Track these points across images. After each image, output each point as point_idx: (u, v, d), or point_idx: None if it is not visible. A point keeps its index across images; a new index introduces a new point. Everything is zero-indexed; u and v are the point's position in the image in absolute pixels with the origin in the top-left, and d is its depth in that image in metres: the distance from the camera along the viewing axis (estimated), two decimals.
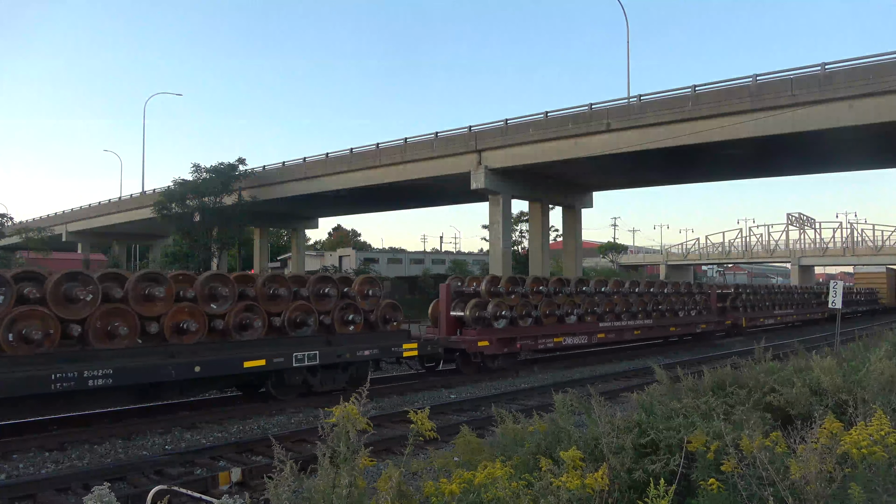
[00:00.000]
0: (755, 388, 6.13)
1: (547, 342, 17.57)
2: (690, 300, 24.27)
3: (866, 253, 73.89)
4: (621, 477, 3.82)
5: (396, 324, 14.37)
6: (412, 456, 3.70)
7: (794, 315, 34.66)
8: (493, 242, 36.95)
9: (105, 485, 3.66)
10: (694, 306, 24.36)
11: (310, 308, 12.59)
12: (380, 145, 38.47)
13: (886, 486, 3.36)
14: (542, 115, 32.61)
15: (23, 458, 8.61)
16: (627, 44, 69.72)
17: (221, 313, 11.33)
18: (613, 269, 78.13)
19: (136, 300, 10.32)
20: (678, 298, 23.61)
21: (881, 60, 23.83)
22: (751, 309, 29.16)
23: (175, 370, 10.22)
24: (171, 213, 43.63)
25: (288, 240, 68.49)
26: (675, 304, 23.21)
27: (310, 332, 12.52)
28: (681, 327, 23.64)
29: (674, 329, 23.33)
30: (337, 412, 3.50)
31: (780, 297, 33.43)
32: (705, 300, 25.44)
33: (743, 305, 28.41)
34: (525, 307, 17.01)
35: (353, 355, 12.87)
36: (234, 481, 7.29)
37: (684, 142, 27.79)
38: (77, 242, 62.70)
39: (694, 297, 24.65)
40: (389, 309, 14.34)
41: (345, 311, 13.27)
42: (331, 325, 12.97)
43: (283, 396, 12.18)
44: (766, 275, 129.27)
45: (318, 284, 13.07)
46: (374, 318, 13.89)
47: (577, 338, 18.61)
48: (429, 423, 3.68)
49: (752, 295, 30.09)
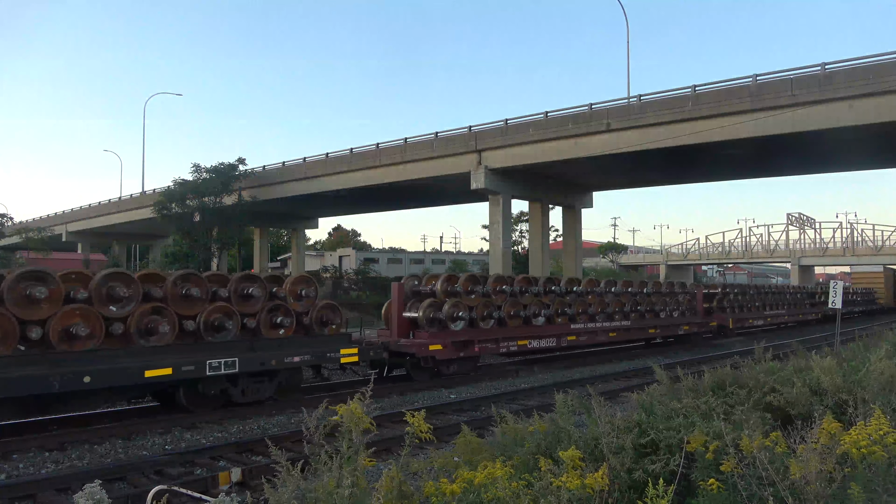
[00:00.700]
0: (755, 388, 6.13)
1: (510, 345, 16.49)
2: (672, 300, 23.29)
3: (866, 253, 73.87)
4: (621, 477, 3.82)
5: (336, 327, 13.29)
6: (411, 456, 3.70)
7: (785, 316, 33.55)
8: (493, 242, 36.95)
9: (96, 482, 3.64)
10: (676, 307, 23.39)
11: (230, 310, 11.46)
12: (380, 145, 38.46)
13: (886, 486, 3.36)
14: (542, 115, 32.60)
15: (23, 458, 8.61)
16: (627, 44, 69.79)
17: (122, 316, 10.31)
18: (613, 269, 78.12)
19: (13, 302, 9.30)
20: (659, 299, 22.68)
21: (881, 60, 23.82)
22: (739, 310, 28.16)
23: (59, 381, 9.11)
24: (171, 213, 43.63)
25: (288, 240, 68.48)
26: (655, 304, 22.25)
27: (231, 337, 11.38)
28: (661, 329, 22.59)
29: (654, 331, 22.26)
30: (341, 411, 3.50)
31: (770, 298, 32.20)
32: (689, 300, 24.50)
33: (730, 306, 27.42)
34: (486, 307, 16.07)
35: (281, 362, 11.73)
36: (234, 481, 7.30)
37: (684, 142, 27.78)
38: (77, 242, 62.69)
39: (676, 297, 23.71)
40: (328, 311, 13.27)
41: (273, 314, 12.19)
42: (256, 329, 11.93)
43: (198, 408, 11.17)
44: (766, 275, 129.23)
45: (242, 284, 12.02)
46: (308, 320, 12.88)
47: (544, 340, 17.46)
48: (425, 425, 3.68)
49: (741, 295, 29.04)
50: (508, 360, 18.64)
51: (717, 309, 26.52)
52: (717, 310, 26.50)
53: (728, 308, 27.10)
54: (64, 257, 49.02)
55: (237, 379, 11.39)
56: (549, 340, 17.68)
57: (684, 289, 25.06)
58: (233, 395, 11.42)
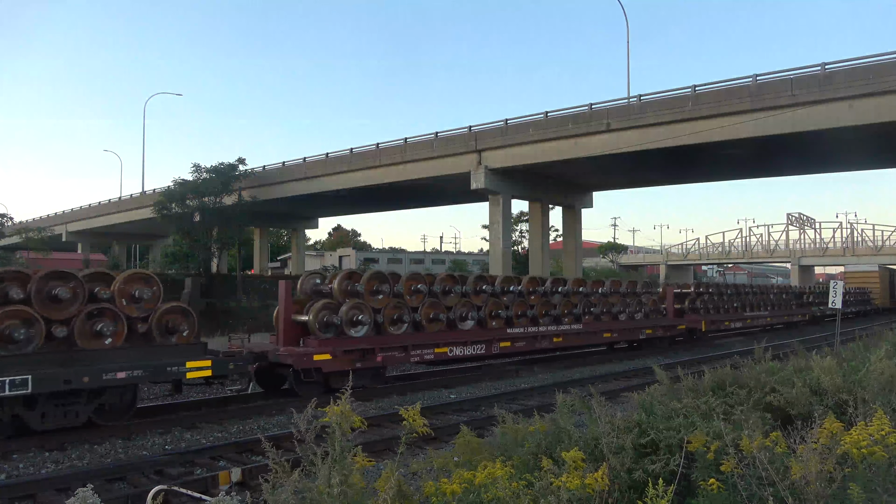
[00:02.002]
0: (755, 388, 6.13)
1: (424, 353, 14.40)
2: (634, 301, 21.18)
3: (866, 253, 73.88)
4: (621, 477, 3.82)
5: (187, 334, 10.97)
6: (411, 456, 3.69)
7: (768, 317, 31.05)
8: (493, 242, 36.97)
9: (88, 486, 3.64)
10: (639, 308, 21.26)
11: (30, 315, 9.29)
12: (380, 145, 38.49)
13: (886, 486, 3.36)
14: (542, 115, 32.62)
15: (23, 458, 8.61)
16: (627, 44, 69.88)
17: None
18: (613, 269, 78.15)
19: None
20: (620, 299, 20.64)
21: (881, 60, 23.84)
22: (714, 311, 25.95)
23: None
24: (171, 213, 43.64)
25: (288, 240, 68.54)
26: (614, 305, 20.28)
27: (30, 349, 9.23)
28: (619, 333, 20.35)
29: (609, 335, 20.02)
30: (330, 412, 3.51)
31: (751, 298, 29.81)
32: (655, 302, 22.43)
33: (704, 307, 25.24)
34: (397, 310, 14.02)
35: (97, 378, 9.41)
36: (234, 481, 7.29)
37: (684, 142, 27.80)
38: (77, 242, 62.74)
39: (639, 297, 21.60)
40: (175, 315, 10.91)
41: (95, 319, 9.92)
42: (70, 338, 9.71)
43: None
44: (766, 275, 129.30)
45: (49, 283, 9.69)
46: (147, 327, 10.58)
47: (470, 347, 15.36)
48: (420, 420, 3.68)
49: (717, 295, 26.84)
50: (438, 368, 17.13)
51: (690, 310, 24.60)
52: (690, 311, 24.57)
53: (702, 309, 25.02)
54: (64, 257, 49.08)
55: (35, 401, 9.23)
56: (477, 347, 15.55)
57: (649, 288, 23.14)
58: (29, 421, 9.28)
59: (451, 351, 14.95)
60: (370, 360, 13.32)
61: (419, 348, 14.29)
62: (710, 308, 25.68)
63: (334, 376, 12.65)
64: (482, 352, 15.74)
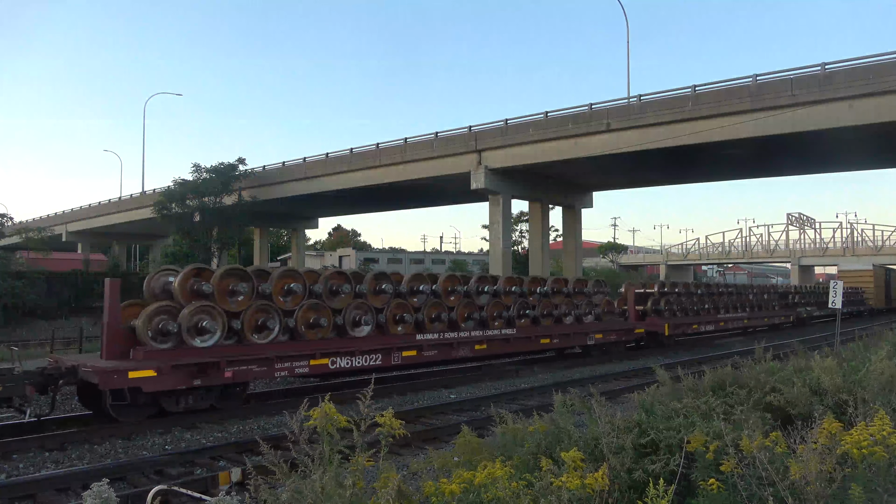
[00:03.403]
0: (755, 388, 6.14)
1: (297, 366, 11.91)
2: (584, 302, 19.06)
3: (866, 253, 73.90)
4: (621, 477, 3.82)
5: None
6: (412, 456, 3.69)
7: (746, 320, 28.38)
8: (493, 242, 36.98)
9: (104, 481, 3.65)
10: (589, 310, 19.16)
11: None
12: (380, 145, 38.51)
13: (886, 486, 3.36)
14: (542, 115, 32.63)
15: (23, 458, 8.61)
16: (627, 44, 69.86)
17: None
18: (613, 270, 78.16)
19: None
20: (564, 300, 18.36)
21: (881, 60, 23.85)
22: (682, 313, 23.64)
23: None
24: (171, 213, 43.69)
25: (288, 240, 68.54)
26: (558, 307, 18.06)
27: None
28: (561, 338, 17.90)
29: (547, 341, 17.46)
30: (315, 414, 3.52)
31: (726, 299, 27.31)
32: (609, 303, 20.50)
33: (669, 309, 22.90)
34: (263, 314, 11.60)
35: None
36: (234, 481, 7.29)
37: (684, 142, 27.81)
38: (77, 242, 62.75)
39: (589, 298, 19.37)
40: None
41: None
42: None
43: None
44: (766, 275, 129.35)
45: None
46: None
47: (361, 357, 12.92)
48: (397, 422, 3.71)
49: (685, 296, 24.38)
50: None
51: (653, 312, 22.46)
52: (653, 313, 22.46)
53: (666, 311, 22.75)
54: (64, 257, 49.10)
55: None
56: (371, 357, 13.12)
57: (601, 287, 20.49)
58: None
59: (333, 363, 12.41)
60: (215, 377, 10.70)
61: (289, 360, 11.75)
62: (677, 310, 23.40)
63: (168, 396, 10.51)
64: (378, 363, 13.23)
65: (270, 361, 11.45)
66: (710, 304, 25.62)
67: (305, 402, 3.88)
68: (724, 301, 26.88)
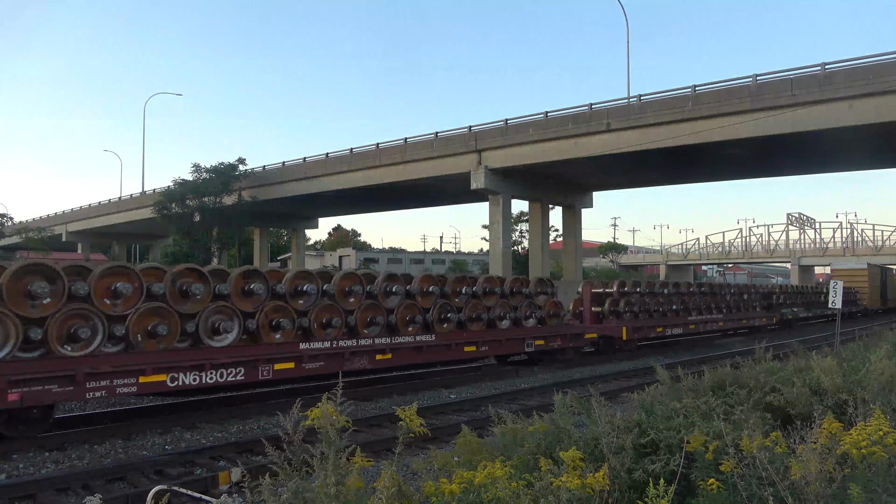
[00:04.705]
0: (755, 388, 6.13)
1: (119, 384, 9.43)
2: (524, 304, 16.55)
3: (866, 253, 73.94)
4: (621, 477, 3.82)
5: None
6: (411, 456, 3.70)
7: (720, 322, 25.69)
8: (493, 242, 37.00)
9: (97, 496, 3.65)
10: (531, 312, 16.69)
11: None
12: (380, 145, 38.54)
13: (886, 487, 3.36)
14: (542, 115, 32.66)
15: (23, 458, 8.60)
16: (627, 44, 69.84)
17: None
18: (613, 270, 78.17)
19: None
20: (498, 300, 15.83)
21: (881, 60, 23.87)
22: (646, 315, 21.50)
23: None
24: (171, 213, 43.74)
25: (288, 240, 68.60)
26: (490, 310, 15.55)
27: None
28: (490, 345, 15.33)
29: (473, 349, 14.89)
30: (313, 414, 3.52)
31: (698, 299, 24.63)
32: (555, 305, 17.68)
33: (630, 310, 20.61)
34: (78, 320, 9.28)
35: None
36: (234, 481, 7.29)
37: (684, 142, 27.84)
38: (77, 242, 62.80)
39: (531, 299, 16.88)
40: None
41: None
42: None
43: None
44: (766, 275, 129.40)
45: None
46: None
47: (214, 372, 10.42)
48: (417, 420, 3.69)
49: (648, 296, 21.94)
50: None
51: (611, 314, 20.25)
52: (611, 315, 20.25)
53: (627, 313, 20.54)
54: (64, 257, 49.03)
55: None
56: (230, 372, 10.66)
57: (545, 287, 17.85)
58: None
59: (174, 379, 9.94)
60: None
61: (108, 377, 9.28)
62: (639, 311, 21.20)
63: None
64: (241, 378, 10.85)
65: (78, 379, 8.90)
66: (678, 304, 23.30)
67: (298, 402, 3.88)
68: (695, 302, 24.42)
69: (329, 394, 3.62)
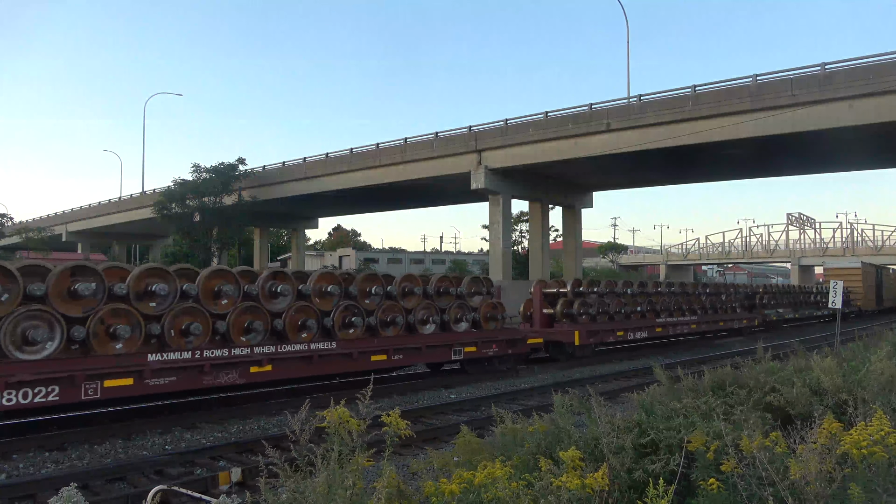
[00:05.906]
0: (755, 388, 6.13)
1: None
2: (454, 306, 14.73)
3: (866, 253, 73.93)
4: (621, 477, 3.82)
5: None
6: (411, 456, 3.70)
7: (694, 324, 23.58)
8: (493, 242, 36.99)
9: (72, 485, 3.66)
10: (461, 315, 14.86)
11: None
12: (380, 145, 38.54)
13: (886, 486, 3.36)
14: (542, 115, 32.66)
15: (23, 458, 8.60)
16: (627, 44, 69.88)
17: None
18: (613, 270, 78.17)
19: None
20: (421, 301, 14.12)
21: (881, 60, 23.88)
22: (607, 318, 19.57)
23: None
24: (171, 213, 43.75)
25: (288, 240, 68.60)
26: (410, 312, 13.81)
27: None
28: (406, 353, 13.53)
29: (383, 357, 12.99)
30: (329, 416, 3.51)
31: (668, 300, 22.50)
32: (492, 306, 15.63)
33: (585, 313, 18.54)
34: None
35: None
36: (234, 481, 7.29)
37: (684, 142, 27.85)
38: (77, 242, 62.80)
39: (463, 300, 14.99)
40: None
41: None
42: None
43: None
44: (766, 275, 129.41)
45: None
46: None
47: (16, 392, 8.43)
48: (402, 423, 3.70)
49: (609, 296, 19.87)
50: None
51: (564, 317, 18.33)
52: (564, 318, 18.34)
53: (582, 315, 18.46)
54: (64, 257, 49.02)
55: None
56: (40, 391, 8.69)
57: (479, 287, 15.72)
58: None
59: (11, 397, 8.35)
60: None
61: None
62: (597, 313, 19.15)
63: None
64: (56, 398, 8.91)
65: None
66: (645, 306, 21.38)
67: (307, 402, 3.87)
68: (664, 302, 22.25)
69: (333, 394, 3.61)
